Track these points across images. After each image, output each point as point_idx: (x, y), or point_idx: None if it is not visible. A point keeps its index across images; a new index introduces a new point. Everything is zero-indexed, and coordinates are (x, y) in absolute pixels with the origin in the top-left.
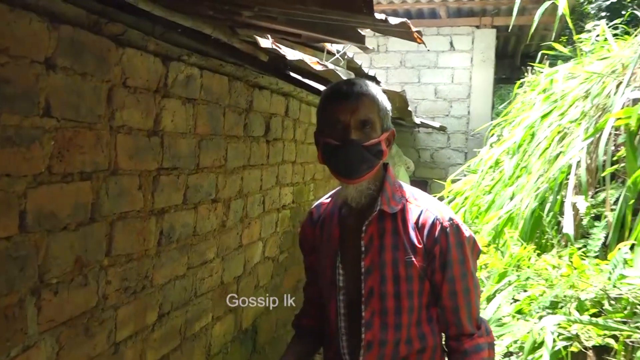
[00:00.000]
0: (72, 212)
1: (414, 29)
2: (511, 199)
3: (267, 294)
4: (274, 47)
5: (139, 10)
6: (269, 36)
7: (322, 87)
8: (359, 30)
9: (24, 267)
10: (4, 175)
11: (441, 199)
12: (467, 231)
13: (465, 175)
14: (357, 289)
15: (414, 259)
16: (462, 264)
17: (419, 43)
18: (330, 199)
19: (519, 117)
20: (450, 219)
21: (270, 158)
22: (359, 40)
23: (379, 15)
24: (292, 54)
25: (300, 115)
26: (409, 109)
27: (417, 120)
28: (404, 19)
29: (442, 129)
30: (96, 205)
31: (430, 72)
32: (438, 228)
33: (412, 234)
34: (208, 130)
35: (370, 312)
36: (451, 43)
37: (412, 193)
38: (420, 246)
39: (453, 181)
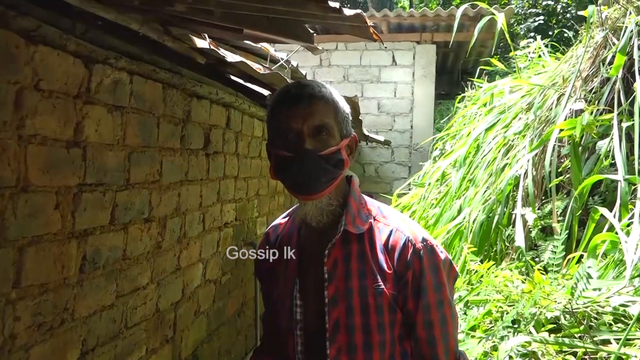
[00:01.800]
0: None
1: (370, 23)
2: (459, 212)
3: (209, 320)
4: (212, 47)
5: (58, 4)
6: (207, 36)
7: (266, 92)
8: (307, 27)
9: None
10: None
11: None
12: (442, 253)
13: (410, 189)
14: (320, 323)
15: (383, 286)
16: (438, 291)
17: (376, 40)
18: (288, 217)
19: (462, 131)
20: (424, 240)
21: (211, 172)
22: (307, 39)
23: (332, 3)
24: (232, 56)
25: (243, 128)
26: (360, 118)
27: (366, 132)
28: (359, 11)
29: (387, 142)
30: (1, 227)
31: (373, 86)
32: (410, 250)
33: (381, 257)
34: (140, 142)
35: (337, 348)
36: (393, 58)
37: (380, 210)
38: (390, 272)
39: (399, 195)
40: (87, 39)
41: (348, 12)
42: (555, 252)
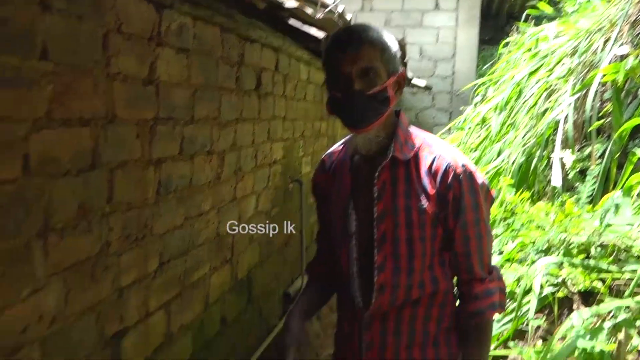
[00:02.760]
0: (73, 157)
1: None
2: (498, 154)
3: (261, 248)
4: None
5: None
6: None
7: (321, 35)
8: None
9: (29, 211)
10: (6, 117)
11: None
12: (480, 178)
13: (449, 134)
14: (369, 235)
15: (426, 205)
16: (475, 211)
17: None
18: (342, 146)
19: (505, 76)
20: (464, 166)
21: (262, 112)
22: None
23: None
24: (289, 2)
25: (290, 71)
26: (406, 60)
27: (410, 74)
28: None
29: (428, 88)
30: (96, 152)
31: (415, 31)
32: (451, 174)
33: (425, 180)
34: (202, 82)
35: (383, 256)
36: (436, 2)
37: (425, 139)
38: (433, 192)
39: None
40: None
41: None
42: (586, 186)
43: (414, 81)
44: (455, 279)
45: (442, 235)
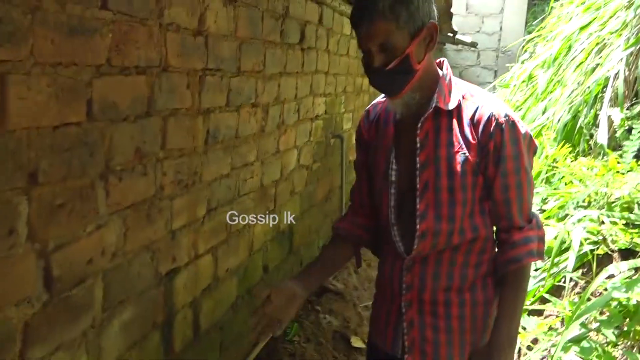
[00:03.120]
0: (130, 104)
1: None
2: (543, 113)
3: (302, 201)
4: None
5: None
6: None
7: None
8: None
9: (93, 153)
10: (72, 63)
11: None
12: (523, 127)
13: (494, 92)
14: (411, 184)
15: (468, 154)
16: (516, 159)
17: None
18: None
19: (554, 31)
20: (507, 115)
21: (305, 67)
22: None
23: None
24: None
25: (334, 25)
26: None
27: (455, 28)
28: None
29: (473, 45)
30: (151, 99)
31: None
32: (493, 124)
33: (467, 130)
34: (248, 34)
35: (425, 204)
36: None
37: (469, 89)
38: (474, 142)
39: None
40: None
41: None
42: (632, 140)
43: (459, 37)
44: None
45: (483, 183)
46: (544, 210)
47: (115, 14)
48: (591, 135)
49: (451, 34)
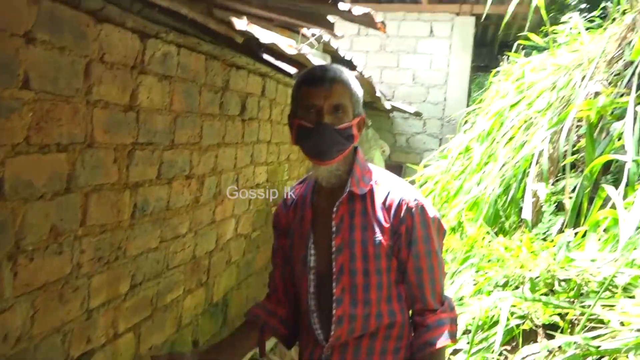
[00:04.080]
0: (48, 182)
1: (377, 19)
2: (478, 184)
3: (239, 270)
4: (249, 29)
5: None
6: (245, 18)
7: (294, 70)
8: (328, 17)
9: (1, 233)
10: None
11: (413, 182)
12: (432, 211)
13: (437, 161)
14: (328, 268)
15: (381, 237)
16: (427, 243)
17: (383, 32)
18: (303, 182)
19: (491, 105)
20: (416, 200)
21: (246, 137)
22: (328, 27)
23: (343, 6)
24: (265, 36)
25: (277, 96)
26: (378, 94)
27: (388, 105)
28: (368, 10)
29: (417, 114)
30: (72, 176)
31: (410, 57)
32: (404, 208)
33: (380, 213)
34: (184, 108)
35: (341, 288)
36: (431, 29)
37: (380, 175)
38: (387, 225)
39: (425, 166)
40: (142, 15)
41: (357, 11)
42: (545, 223)
43: (404, 107)
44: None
45: (397, 267)
46: (460, 298)
47: (37, 93)
48: (520, 209)
49: (386, 109)
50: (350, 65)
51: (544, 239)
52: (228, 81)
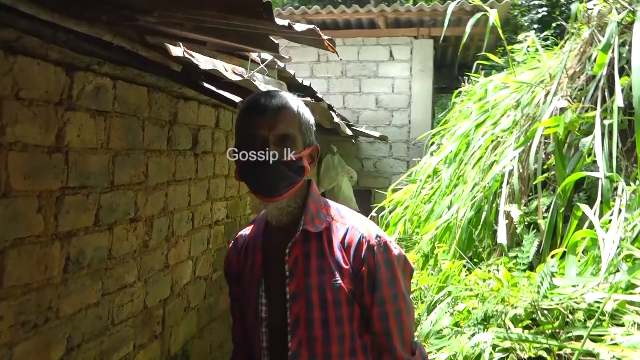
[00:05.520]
0: None
1: (324, 36)
2: (449, 208)
3: (199, 316)
4: (186, 55)
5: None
6: (181, 44)
7: (238, 99)
8: (272, 38)
9: None
10: None
11: (382, 208)
12: (396, 249)
13: (406, 184)
14: (282, 319)
15: (341, 281)
16: (392, 285)
17: (331, 51)
18: (254, 224)
19: (456, 126)
20: (378, 237)
21: (200, 172)
22: (272, 49)
23: (280, 21)
24: (205, 63)
25: (234, 127)
26: (336, 120)
27: (348, 131)
28: (313, 26)
29: (382, 138)
30: None
31: (371, 81)
32: (365, 246)
33: (338, 254)
34: (124, 145)
35: (297, 342)
36: (390, 53)
37: (337, 210)
38: (347, 267)
39: (394, 190)
40: (69, 46)
41: (300, 27)
42: (523, 251)
43: (369, 132)
44: None
45: (359, 314)
46: (453, 313)
47: None
48: (494, 232)
49: (349, 134)
50: (309, 92)
51: (523, 264)
52: (176, 114)
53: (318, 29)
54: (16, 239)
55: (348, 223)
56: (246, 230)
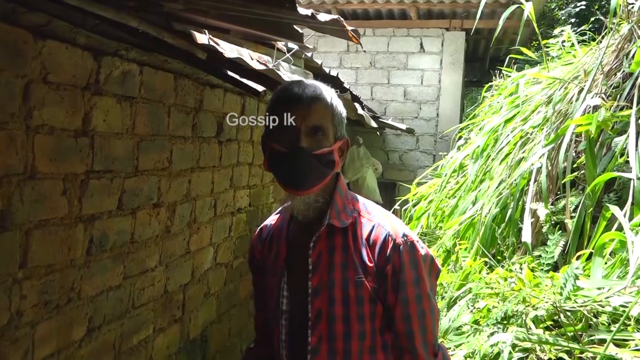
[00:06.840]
0: None
1: (348, 27)
2: (473, 204)
3: (219, 302)
4: (211, 43)
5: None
6: (206, 32)
7: (261, 88)
8: (297, 27)
9: None
10: None
11: (406, 201)
12: (423, 249)
13: (431, 178)
14: (304, 312)
15: (364, 279)
16: (417, 285)
17: (355, 43)
18: (279, 214)
19: (485, 121)
20: (405, 236)
21: (224, 160)
22: (297, 38)
23: (303, 11)
24: (231, 51)
25: (259, 115)
26: (360, 112)
27: (374, 124)
28: (337, 16)
29: (409, 131)
30: (7, 213)
31: (400, 73)
32: (390, 245)
33: (363, 251)
34: (149, 131)
35: (317, 337)
36: (421, 45)
37: (365, 206)
38: (371, 265)
39: (419, 184)
40: (98, 31)
41: (323, 17)
42: (548, 251)
43: (395, 124)
44: None
45: (382, 313)
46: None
47: None
48: (519, 229)
49: (373, 127)
50: (336, 82)
51: (547, 264)
52: (202, 101)
53: (342, 19)
54: (41, 220)
55: (375, 220)
56: (271, 220)
